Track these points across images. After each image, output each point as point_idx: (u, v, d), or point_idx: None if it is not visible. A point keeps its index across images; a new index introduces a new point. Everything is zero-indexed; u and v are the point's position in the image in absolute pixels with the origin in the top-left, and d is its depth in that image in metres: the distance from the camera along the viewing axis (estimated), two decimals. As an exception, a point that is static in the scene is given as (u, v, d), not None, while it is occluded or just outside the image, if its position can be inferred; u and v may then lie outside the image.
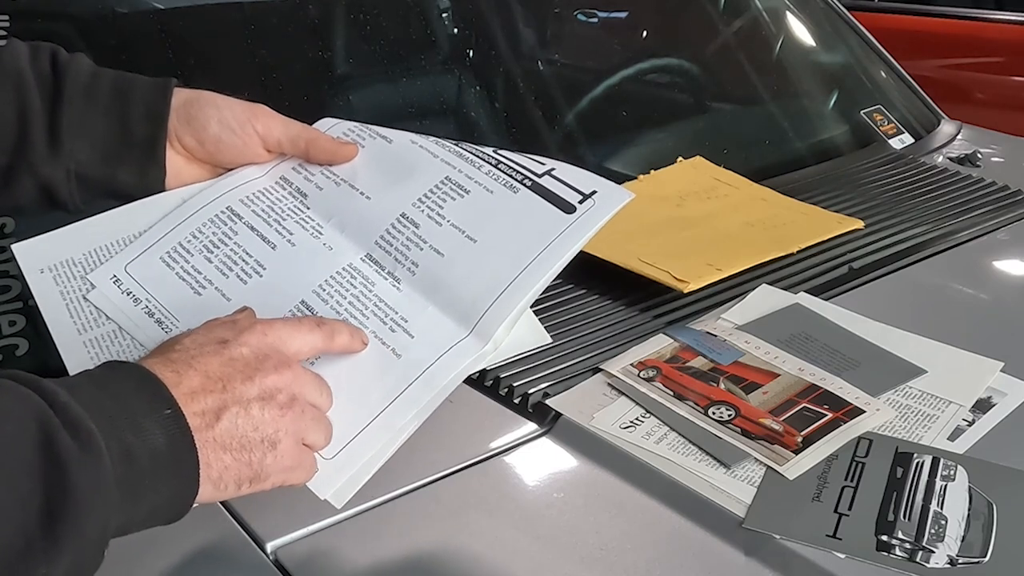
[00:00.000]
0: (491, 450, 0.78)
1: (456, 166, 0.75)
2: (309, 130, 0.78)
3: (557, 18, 1.64)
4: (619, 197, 0.70)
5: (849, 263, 1.07)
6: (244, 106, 0.76)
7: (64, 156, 0.71)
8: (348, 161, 0.77)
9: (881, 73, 1.64)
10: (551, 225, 0.69)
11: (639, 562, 0.66)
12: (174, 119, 0.74)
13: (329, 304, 0.68)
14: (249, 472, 0.56)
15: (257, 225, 0.73)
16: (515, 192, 0.72)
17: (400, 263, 0.70)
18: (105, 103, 0.73)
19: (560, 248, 0.68)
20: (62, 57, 0.74)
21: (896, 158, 1.40)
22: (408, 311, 0.67)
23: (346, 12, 1.34)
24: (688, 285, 0.97)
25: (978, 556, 0.64)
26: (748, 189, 1.23)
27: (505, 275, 0.67)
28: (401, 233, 0.71)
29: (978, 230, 1.16)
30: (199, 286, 0.70)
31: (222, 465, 0.55)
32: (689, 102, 1.61)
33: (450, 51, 1.43)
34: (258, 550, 0.67)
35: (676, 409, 0.79)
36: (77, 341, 0.69)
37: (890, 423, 0.78)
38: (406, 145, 0.78)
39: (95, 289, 0.71)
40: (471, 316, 0.66)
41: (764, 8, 1.70)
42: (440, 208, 0.72)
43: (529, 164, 0.74)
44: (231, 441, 0.55)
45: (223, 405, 0.55)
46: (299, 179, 0.77)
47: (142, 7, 1.25)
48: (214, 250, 0.72)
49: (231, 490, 0.56)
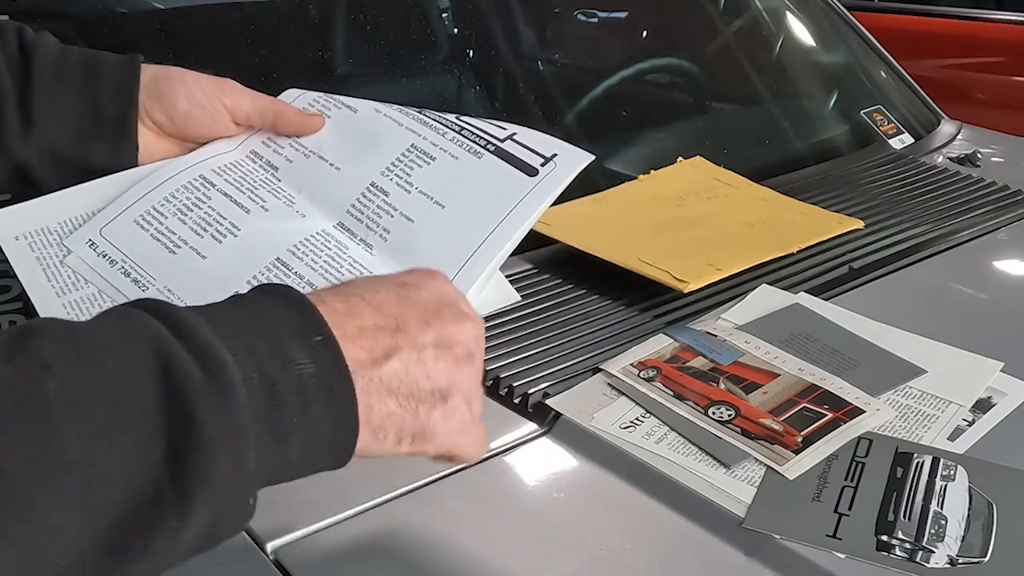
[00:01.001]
0: (491, 450, 0.78)
1: (421, 134, 0.76)
2: (276, 102, 0.79)
3: (557, 18, 1.65)
4: (579, 159, 0.73)
5: (849, 263, 1.07)
6: (212, 81, 0.76)
7: (37, 136, 0.71)
8: (315, 132, 0.78)
9: (881, 73, 1.64)
10: (515, 188, 0.71)
11: (639, 562, 0.66)
12: (143, 95, 0.74)
13: (304, 261, 0.69)
14: (415, 424, 0.49)
15: (230, 192, 0.74)
16: (479, 157, 0.74)
17: (372, 230, 0.72)
18: (75, 82, 0.73)
19: (525, 210, 0.70)
20: (28, 36, 0.74)
21: (896, 158, 1.40)
22: (381, 272, 0.68)
23: (346, 12, 1.34)
24: (688, 285, 0.97)
25: (978, 556, 0.64)
26: (748, 189, 1.23)
27: (472, 239, 0.69)
28: (371, 202, 0.73)
29: (978, 230, 1.16)
30: (174, 245, 0.71)
31: (385, 410, 0.48)
32: (689, 102, 1.61)
33: (450, 51, 1.43)
34: (258, 550, 0.67)
35: (676, 409, 0.79)
36: (56, 304, 0.69)
37: (890, 423, 0.78)
38: (371, 114, 0.79)
39: (71, 254, 0.72)
40: None
41: (764, 8, 1.70)
42: (408, 176, 0.74)
43: (492, 129, 0.76)
44: (399, 385, 0.49)
45: (395, 345, 0.49)
46: (269, 152, 0.78)
47: (142, 7, 1.25)
48: (188, 213, 0.73)
49: (390, 443, 0.49)
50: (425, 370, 0.50)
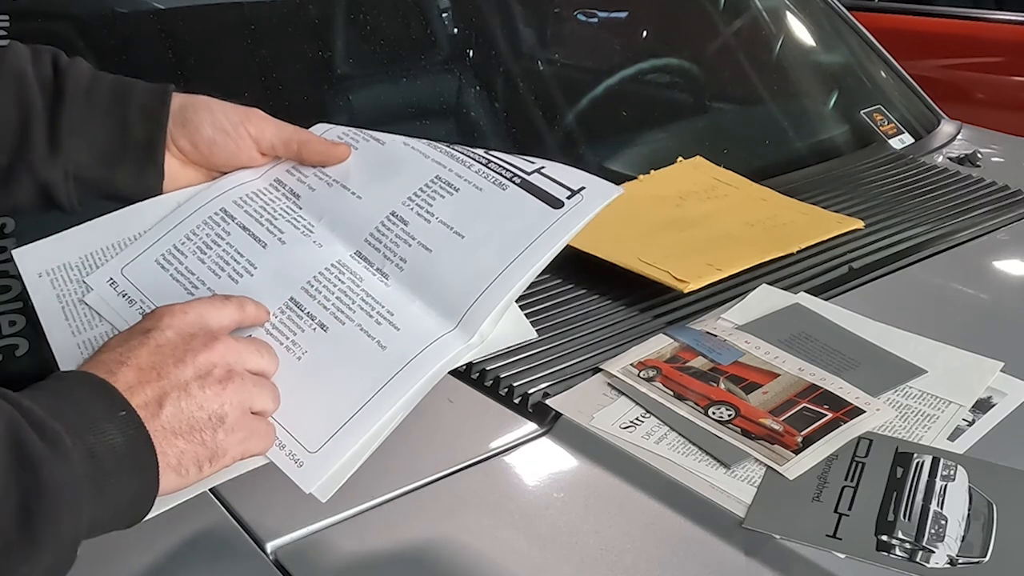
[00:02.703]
0: (491, 450, 0.78)
1: (446, 165, 0.75)
2: (301, 132, 0.79)
3: (557, 18, 1.64)
4: (607, 192, 0.71)
5: (849, 263, 1.07)
6: (237, 109, 0.77)
7: (63, 158, 0.72)
8: (340, 162, 0.78)
9: (881, 73, 1.64)
10: (538, 220, 0.70)
11: (639, 562, 0.66)
12: (170, 122, 0.74)
13: (317, 300, 0.69)
14: (205, 451, 0.57)
15: (249, 225, 0.74)
16: (504, 189, 0.72)
17: (388, 259, 0.71)
18: (105, 106, 0.74)
19: (547, 242, 0.68)
20: (63, 60, 0.74)
21: (896, 158, 1.40)
22: (395, 305, 0.68)
23: (346, 12, 1.34)
24: (688, 285, 0.97)
25: (978, 556, 0.64)
26: (748, 189, 1.23)
27: (492, 269, 0.68)
28: (390, 230, 0.72)
29: (978, 230, 1.16)
30: (192, 287, 0.71)
31: (178, 451, 0.56)
32: (689, 102, 1.61)
33: (450, 51, 1.43)
34: (258, 550, 0.67)
35: (676, 409, 0.79)
36: (71, 343, 0.70)
37: (890, 423, 0.78)
38: (398, 147, 0.79)
39: (92, 292, 0.72)
40: (457, 310, 0.67)
41: (764, 8, 1.70)
42: (430, 206, 0.73)
43: (519, 163, 0.74)
44: (179, 425, 0.56)
45: (163, 392, 0.56)
46: (292, 181, 0.78)
47: (142, 7, 1.25)
48: (207, 251, 0.73)
49: (193, 473, 0.57)
50: (195, 402, 0.57)
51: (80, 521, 0.50)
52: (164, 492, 0.56)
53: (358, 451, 0.62)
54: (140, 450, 0.54)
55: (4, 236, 0.90)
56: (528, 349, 0.89)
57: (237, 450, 0.59)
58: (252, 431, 0.60)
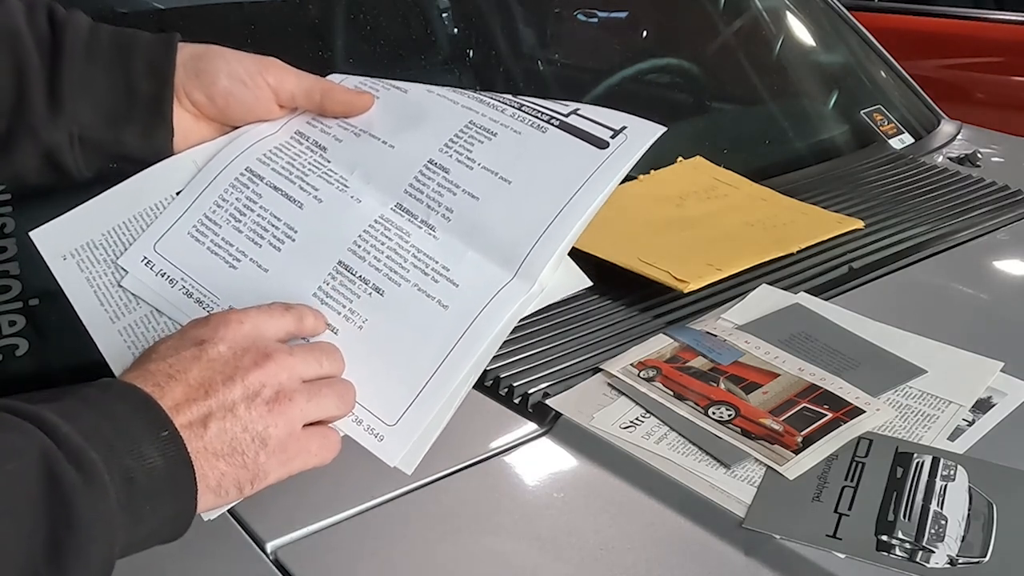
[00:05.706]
0: (491, 450, 0.78)
1: (478, 111, 0.73)
2: (323, 82, 0.75)
3: (557, 18, 1.65)
4: (650, 131, 0.70)
5: (849, 263, 1.07)
6: (255, 59, 0.73)
7: (66, 118, 0.68)
8: (365, 111, 0.75)
9: (881, 73, 1.64)
10: (586, 161, 0.68)
11: (639, 562, 0.66)
12: (181, 73, 0.70)
13: (367, 261, 0.66)
14: (247, 474, 0.56)
15: (280, 184, 0.71)
16: (544, 132, 0.70)
17: (433, 210, 0.68)
18: (106, 60, 0.69)
19: (598, 184, 0.67)
20: (59, 13, 0.70)
21: (896, 158, 1.40)
22: (448, 259, 0.66)
23: (346, 12, 1.34)
24: (688, 285, 0.97)
25: (978, 556, 0.64)
26: (748, 189, 1.23)
27: (545, 214, 0.66)
28: (431, 179, 0.69)
29: (978, 230, 1.16)
30: (233, 259, 0.68)
31: (218, 473, 0.55)
32: (689, 102, 1.61)
33: (450, 51, 1.43)
34: (258, 550, 0.67)
35: (676, 409, 0.79)
36: (112, 330, 0.67)
37: (890, 423, 0.78)
38: (423, 94, 0.76)
39: (128, 275, 0.68)
40: (514, 258, 0.65)
41: (764, 8, 1.70)
42: (468, 152, 0.70)
43: (553, 105, 0.72)
44: (222, 446, 0.55)
45: (209, 412, 0.55)
46: (315, 132, 0.74)
47: (142, 7, 1.25)
48: (241, 218, 0.69)
49: (233, 494, 0.56)
50: (240, 423, 0.55)
51: (111, 550, 0.49)
52: (202, 511, 0.55)
53: (437, 418, 0.61)
54: (180, 473, 0.53)
55: (4, 236, 0.90)
56: (528, 349, 0.89)
57: (283, 471, 0.58)
58: (300, 449, 0.58)
